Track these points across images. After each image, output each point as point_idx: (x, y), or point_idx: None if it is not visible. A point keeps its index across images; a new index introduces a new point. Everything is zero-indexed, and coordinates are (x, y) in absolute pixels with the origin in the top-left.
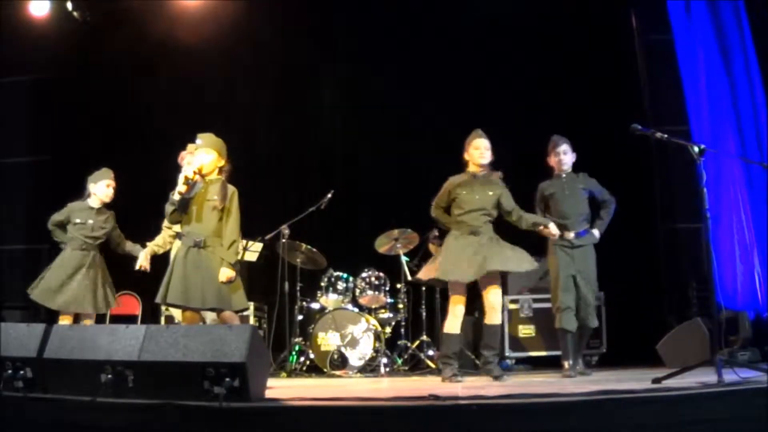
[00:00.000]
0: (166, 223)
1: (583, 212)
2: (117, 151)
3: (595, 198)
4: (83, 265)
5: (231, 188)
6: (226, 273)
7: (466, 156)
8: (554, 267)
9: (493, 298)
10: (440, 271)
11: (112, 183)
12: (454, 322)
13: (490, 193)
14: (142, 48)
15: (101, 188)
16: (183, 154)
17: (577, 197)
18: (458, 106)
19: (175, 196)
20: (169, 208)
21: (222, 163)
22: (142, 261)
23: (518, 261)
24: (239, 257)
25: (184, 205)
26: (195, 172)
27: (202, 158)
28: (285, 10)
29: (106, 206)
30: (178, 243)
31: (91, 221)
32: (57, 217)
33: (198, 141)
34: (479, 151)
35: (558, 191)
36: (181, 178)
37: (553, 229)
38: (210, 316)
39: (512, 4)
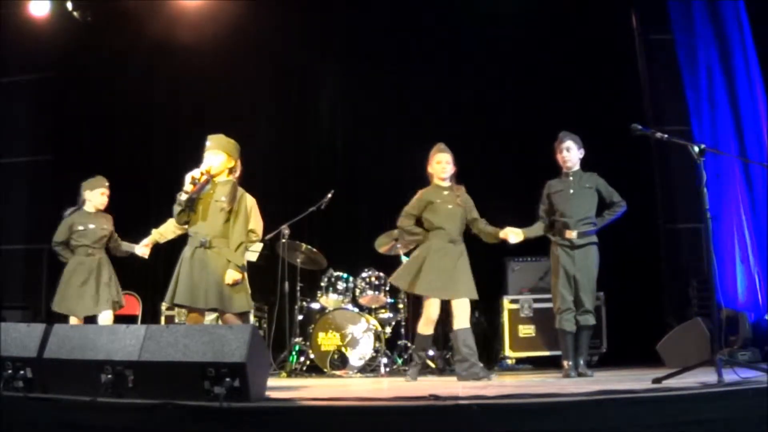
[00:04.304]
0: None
1: (586, 213)
2: (117, 151)
3: (603, 199)
4: (93, 270)
5: (241, 190)
6: (232, 275)
7: (430, 169)
8: (555, 267)
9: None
10: (423, 286)
11: (107, 191)
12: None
13: (459, 201)
14: (142, 48)
15: (96, 196)
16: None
17: (582, 197)
18: (458, 106)
19: (182, 196)
20: (176, 208)
21: (232, 164)
22: (142, 247)
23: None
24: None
25: (191, 204)
26: (203, 173)
27: (210, 159)
28: (285, 10)
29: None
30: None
31: (92, 225)
32: (60, 235)
33: (207, 142)
34: (441, 165)
35: (562, 190)
36: (188, 178)
37: (511, 237)
38: (208, 317)
39: (513, 5)
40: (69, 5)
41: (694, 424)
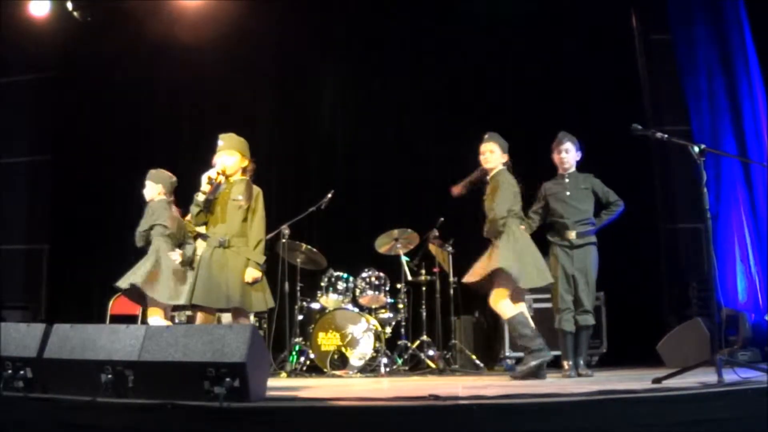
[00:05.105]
0: (188, 219)
1: (584, 213)
2: (117, 151)
3: (599, 199)
4: None
5: (256, 188)
6: (252, 273)
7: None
8: (554, 267)
9: None
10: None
11: None
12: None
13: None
14: (142, 48)
15: None
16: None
17: (579, 198)
18: (458, 106)
19: (200, 197)
20: (194, 209)
21: (245, 163)
22: None
23: None
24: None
25: (208, 205)
26: (219, 173)
27: (224, 159)
28: (285, 9)
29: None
30: (203, 244)
31: None
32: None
33: (220, 142)
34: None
35: (559, 191)
36: (204, 179)
37: None
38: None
39: (513, 5)
40: (69, 5)
41: (694, 424)
